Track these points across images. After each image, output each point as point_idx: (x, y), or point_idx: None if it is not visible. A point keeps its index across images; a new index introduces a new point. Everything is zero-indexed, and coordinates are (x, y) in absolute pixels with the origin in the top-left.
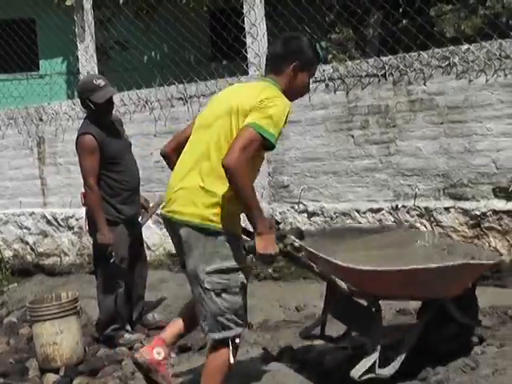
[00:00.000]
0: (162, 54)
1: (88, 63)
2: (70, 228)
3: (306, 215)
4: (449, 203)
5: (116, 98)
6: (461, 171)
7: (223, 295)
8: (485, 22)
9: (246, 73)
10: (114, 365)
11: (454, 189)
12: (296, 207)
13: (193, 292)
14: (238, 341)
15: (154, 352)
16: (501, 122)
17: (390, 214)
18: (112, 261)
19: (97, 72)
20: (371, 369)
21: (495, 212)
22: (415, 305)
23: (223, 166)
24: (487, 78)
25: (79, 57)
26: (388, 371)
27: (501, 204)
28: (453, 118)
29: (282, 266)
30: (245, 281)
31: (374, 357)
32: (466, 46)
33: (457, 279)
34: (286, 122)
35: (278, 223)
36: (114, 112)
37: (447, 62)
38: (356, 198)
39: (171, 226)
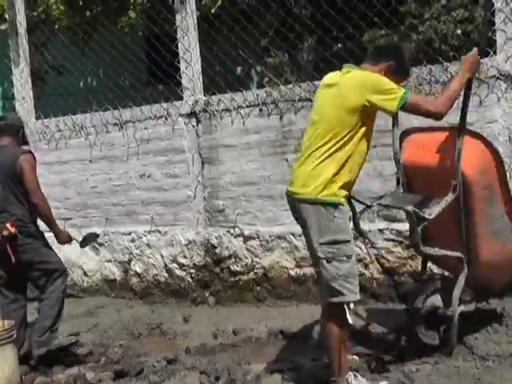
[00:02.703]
0: (97, 79)
1: (23, 88)
2: None
3: (241, 239)
4: (383, 225)
5: (51, 123)
6: None
7: (333, 263)
8: (418, 47)
9: (180, 97)
10: None
11: (387, 211)
12: (232, 231)
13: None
14: (352, 306)
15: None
16: None
17: None
18: None
19: (32, 97)
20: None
21: None
22: None
23: (438, 117)
24: None
25: (14, 82)
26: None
27: None
28: (385, 141)
29: (218, 290)
30: (353, 252)
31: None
32: None
33: None
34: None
35: (214, 247)
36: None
37: None
38: (291, 222)
39: (293, 204)
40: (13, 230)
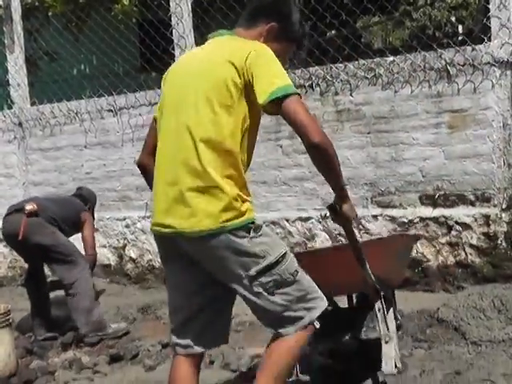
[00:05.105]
0: (90, 65)
1: (17, 74)
2: (1, 240)
3: None
4: (376, 211)
5: (46, 110)
6: (388, 180)
7: (279, 291)
8: (412, 34)
9: None
10: (46, 376)
11: (381, 197)
12: None
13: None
14: (316, 324)
15: None
16: (426, 132)
17: (319, 222)
18: None
19: (26, 83)
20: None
21: (422, 219)
22: None
23: (314, 147)
24: (412, 89)
25: (9, 68)
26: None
27: (427, 211)
28: (379, 127)
29: None
30: (294, 263)
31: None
32: (391, 58)
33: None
34: None
35: None
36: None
37: (373, 74)
38: (285, 207)
39: (173, 244)
40: (35, 207)
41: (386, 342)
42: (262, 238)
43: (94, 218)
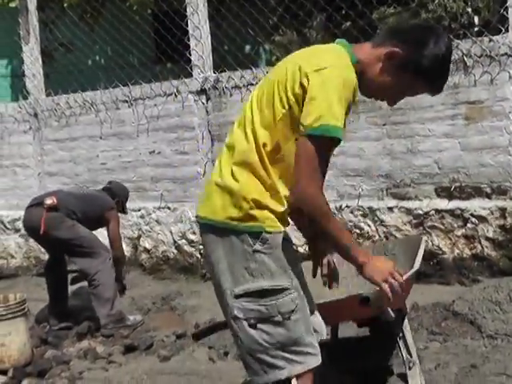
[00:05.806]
0: (106, 56)
1: (33, 65)
2: (17, 231)
3: None
4: (392, 203)
5: (62, 100)
6: (404, 171)
7: (260, 326)
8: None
9: (190, 75)
10: (61, 365)
11: (397, 189)
12: None
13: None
14: (294, 382)
15: None
16: (442, 123)
17: (334, 214)
18: None
19: (42, 74)
20: None
21: (437, 211)
22: None
23: (295, 205)
24: None
25: (24, 59)
26: None
27: (443, 203)
28: (395, 119)
29: None
30: (295, 306)
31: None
32: None
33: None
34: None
35: None
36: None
37: None
38: None
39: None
40: (55, 201)
41: (410, 368)
42: (268, 257)
43: (125, 211)
